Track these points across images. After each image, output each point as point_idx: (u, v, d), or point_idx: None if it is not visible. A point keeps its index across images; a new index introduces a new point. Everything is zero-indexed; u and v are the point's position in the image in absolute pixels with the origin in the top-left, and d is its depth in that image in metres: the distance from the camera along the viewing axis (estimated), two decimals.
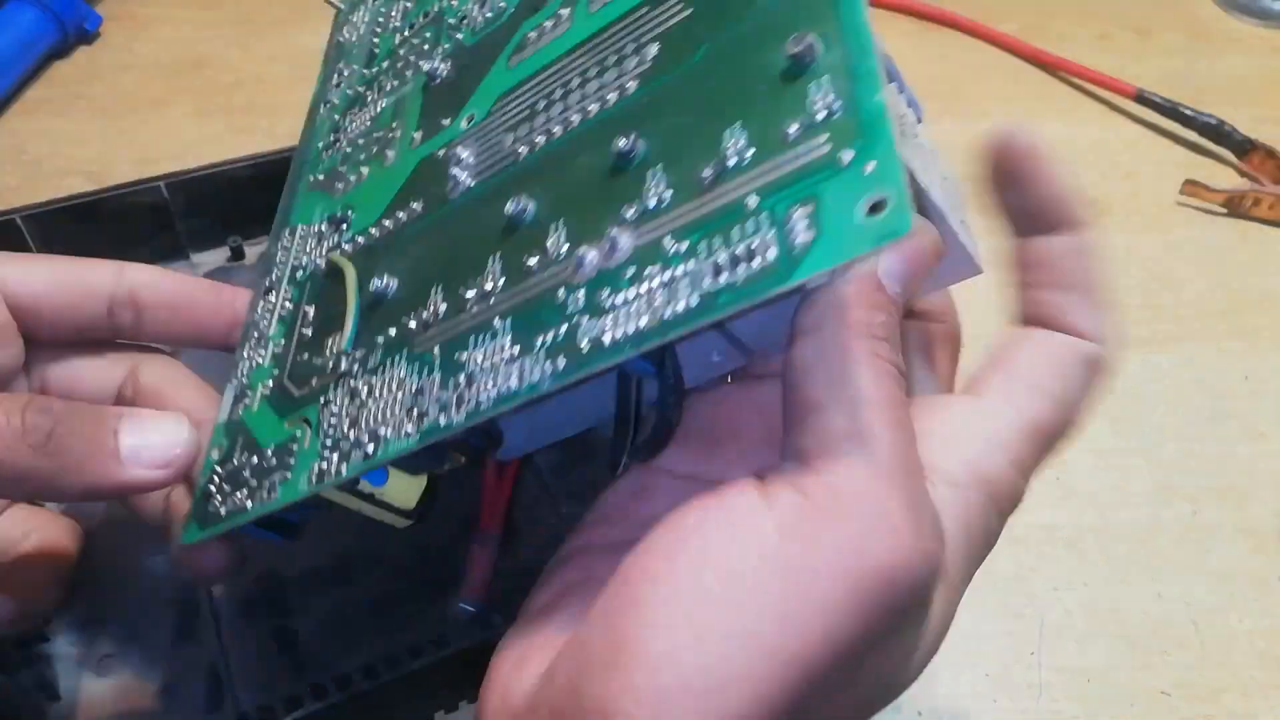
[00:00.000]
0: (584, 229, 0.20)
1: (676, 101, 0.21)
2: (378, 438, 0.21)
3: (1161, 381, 0.42)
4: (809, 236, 0.17)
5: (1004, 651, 0.34)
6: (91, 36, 0.55)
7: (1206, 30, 0.59)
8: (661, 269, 0.18)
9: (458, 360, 0.21)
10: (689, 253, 0.18)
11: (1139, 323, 0.44)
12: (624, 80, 0.22)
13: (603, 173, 0.21)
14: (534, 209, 0.22)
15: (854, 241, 0.16)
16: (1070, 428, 0.21)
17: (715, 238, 0.18)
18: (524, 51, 0.26)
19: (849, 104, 0.18)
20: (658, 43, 0.22)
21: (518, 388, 0.19)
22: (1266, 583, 0.36)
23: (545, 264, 0.21)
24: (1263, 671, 0.34)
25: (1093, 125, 0.53)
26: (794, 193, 0.18)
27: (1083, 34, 0.58)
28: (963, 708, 0.33)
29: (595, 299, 0.19)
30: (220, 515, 0.23)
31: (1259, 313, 0.44)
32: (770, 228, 0.17)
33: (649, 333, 0.18)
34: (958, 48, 0.58)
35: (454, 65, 0.28)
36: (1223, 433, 0.40)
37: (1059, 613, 0.35)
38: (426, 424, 0.21)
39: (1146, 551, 0.36)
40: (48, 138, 0.50)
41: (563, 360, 0.19)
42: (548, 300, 0.20)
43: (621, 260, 0.19)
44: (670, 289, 0.18)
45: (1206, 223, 0.48)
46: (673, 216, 0.19)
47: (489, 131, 0.25)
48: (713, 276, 0.18)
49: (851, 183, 0.17)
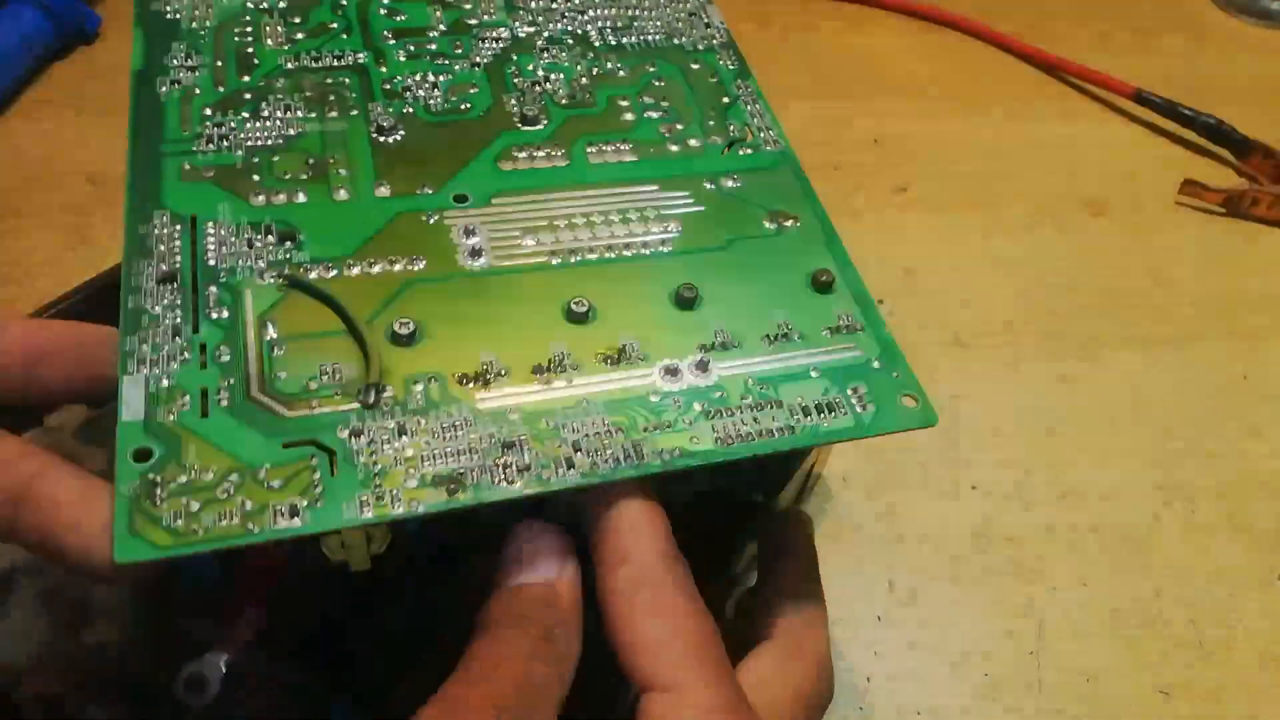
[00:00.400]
0: (664, 347, 0.25)
1: (719, 271, 0.26)
2: (460, 480, 0.22)
3: (1160, 381, 0.42)
4: (871, 409, 0.24)
5: (1003, 651, 0.34)
6: (91, 36, 0.54)
7: (1206, 30, 0.59)
8: (751, 398, 0.24)
9: (548, 426, 0.23)
10: (771, 393, 0.24)
11: (1137, 323, 0.44)
12: (658, 238, 0.27)
13: (666, 304, 0.26)
14: (594, 312, 0.25)
15: (903, 420, 0.24)
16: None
17: (792, 387, 0.24)
18: (514, 163, 0.28)
19: (865, 324, 0.26)
20: (679, 223, 0.28)
21: (639, 462, 0.22)
22: (1266, 582, 0.36)
23: (627, 364, 0.24)
24: (1262, 671, 0.34)
25: (1092, 125, 0.53)
26: (848, 375, 0.25)
27: (1082, 34, 0.58)
28: (962, 707, 0.33)
29: (692, 408, 0.24)
30: (194, 533, 0.20)
31: (1258, 312, 0.45)
32: (838, 392, 0.24)
33: (761, 444, 0.23)
34: (957, 47, 0.58)
35: (407, 133, 0.29)
36: (1222, 432, 0.40)
37: (1058, 612, 0.35)
38: (531, 478, 0.22)
39: (1145, 551, 0.37)
40: (47, 139, 0.50)
41: (678, 450, 0.23)
42: (642, 399, 0.24)
43: (712, 383, 0.24)
44: (766, 413, 0.24)
45: (1205, 222, 0.49)
46: (747, 361, 0.25)
47: (501, 221, 0.27)
48: (803, 415, 0.24)
49: (887, 380, 0.25)
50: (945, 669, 0.34)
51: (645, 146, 0.29)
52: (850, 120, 0.52)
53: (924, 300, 0.44)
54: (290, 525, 0.20)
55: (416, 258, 0.25)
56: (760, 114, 0.31)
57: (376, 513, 0.20)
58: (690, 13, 0.34)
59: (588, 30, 0.33)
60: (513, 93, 0.30)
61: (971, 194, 0.49)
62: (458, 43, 0.31)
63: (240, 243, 0.25)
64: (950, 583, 0.36)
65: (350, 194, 0.27)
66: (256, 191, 0.26)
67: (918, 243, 0.46)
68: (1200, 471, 0.39)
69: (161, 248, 0.24)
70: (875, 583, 0.36)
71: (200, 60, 0.29)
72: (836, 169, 0.50)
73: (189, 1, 0.31)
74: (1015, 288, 0.45)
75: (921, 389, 0.25)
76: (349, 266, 0.25)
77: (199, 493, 0.20)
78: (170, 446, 0.21)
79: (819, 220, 0.28)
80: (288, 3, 0.31)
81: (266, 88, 0.29)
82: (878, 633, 0.34)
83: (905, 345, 0.26)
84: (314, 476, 0.21)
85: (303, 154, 0.27)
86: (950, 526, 0.37)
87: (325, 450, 0.21)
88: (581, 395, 0.23)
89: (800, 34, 0.58)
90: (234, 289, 0.24)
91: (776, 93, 0.54)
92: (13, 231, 0.46)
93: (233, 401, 0.22)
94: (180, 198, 0.26)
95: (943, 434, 0.40)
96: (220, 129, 0.28)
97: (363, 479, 0.21)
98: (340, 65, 0.30)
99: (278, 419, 0.22)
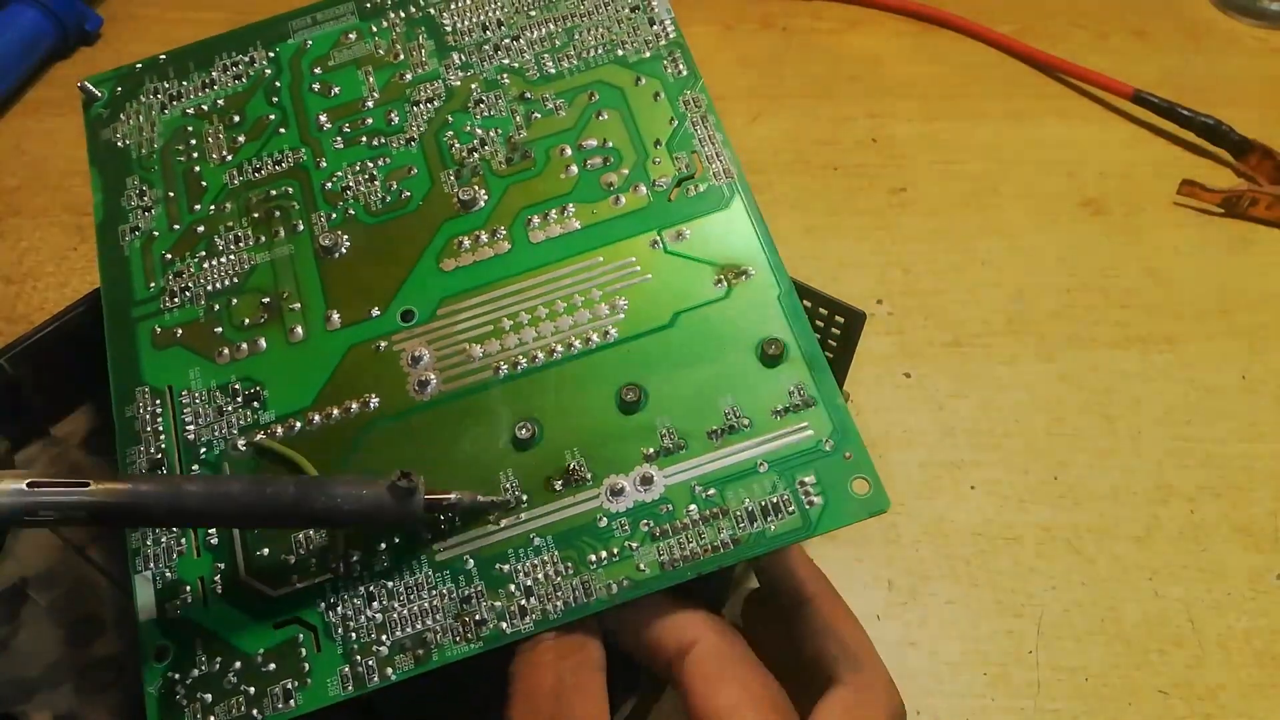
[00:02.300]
0: (609, 462, 0.25)
1: (666, 354, 0.26)
2: (425, 643, 0.24)
3: (1158, 380, 0.42)
4: (820, 502, 0.24)
5: (1002, 650, 0.34)
6: (91, 37, 0.55)
7: (1204, 31, 0.60)
8: (695, 508, 0.24)
9: (501, 571, 0.24)
10: (718, 499, 0.24)
11: (1136, 322, 0.44)
12: (604, 325, 0.27)
13: (610, 410, 0.25)
14: (540, 432, 0.25)
15: (852, 512, 0.24)
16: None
17: (739, 488, 0.24)
18: (458, 259, 0.28)
19: (817, 396, 0.25)
20: (626, 298, 0.27)
21: (586, 601, 0.24)
22: (1264, 581, 0.36)
23: (574, 488, 0.25)
24: (1260, 670, 0.34)
25: (1090, 125, 0.53)
26: (796, 465, 0.24)
27: (1080, 35, 0.59)
28: (961, 706, 0.33)
29: (639, 529, 0.24)
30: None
31: (1256, 312, 0.45)
32: (785, 489, 0.24)
33: (705, 561, 0.24)
34: (955, 48, 0.58)
35: (351, 242, 0.29)
36: (1220, 431, 0.40)
37: (1056, 611, 0.35)
38: (488, 632, 0.24)
39: (1143, 550, 0.37)
40: (48, 138, 0.50)
41: (626, 581, 0.24)
42: (589, 525, 0.24)
43: (657, 497, 0.24)
44: (711, 526, 0.24)
45: (1204, 223, 0.49)
46: (693, 464, 0.25)
47: (446, 336, 0.27)
48: (749, 522, 0.24)
49: (838, 465, 0.24)
50: (944, 668, 0.34)
51: (587, 208, 0.28)
52: (849, 121, 0.53)
53: (922, 300, 0.44)
54: (287, 708, 0.23)
55: (370, 397, 0.26)
56: (710, 137, 0.29)
57: (355, 687, 0.23)
58: (632, 7, 0.31)
59: (524, 59, 0.31)
60: (451, 167, 0.29)
61: (970, 194, 0.49)
62: (392, 112, 0.30)
63: (211, 411, 0.27)
64: (949, 582, 0.36)
65: (305, 330, 0.28)
66: (220, 348, 0.28)
67: (916, 243, 0.46)
68: (1198, 471, 0.39)
69: (148, 430, 0.27)
70: (874, 582, 0.36)
71: (154, 195, 0.30)
72: (835, 169, 0.50)
73: (134, 125, 0.31)
74: (1013, 287, 0.45)
75: (874, 471, 0.24)
76: (310, 420, 0.26)
77: (210, 685, 0.24)
78: (182, 642, 0.24)
79: (772, 270, 0.27)
80: (225, 100, 0.31)
81: (217, 216, 0.30)
82: (877, 632, 0.34)
83: (904, 345, 0.26)
84: (301, 654, 0.24)
85: (257, 294, 0.28)
86: (949, 526, 0.37)
87: (309, 627, 0.24)
88: (532, 530, 0.24)
89: (799, 35, 0.58)
90: (213, 464, 0.26)
91: (776, 93, 0.54)
92: (13, 231, 0.46)
93: (225, 587, 0.25)
94: (156, 369, 0.28)
95: (941, 434, 0.40)
96: (180, 279, 0.29)
97: (342, 653, 0.24)
98: (281, 171, 0.30)
99: (266, 600, 0.24)
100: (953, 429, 0.40)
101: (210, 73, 0.32)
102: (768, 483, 0.24)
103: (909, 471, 0.39)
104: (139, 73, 0.32)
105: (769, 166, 0.50)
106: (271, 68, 0.32)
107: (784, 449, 0.25)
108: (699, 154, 0.29)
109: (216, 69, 0.32)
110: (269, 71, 0.32)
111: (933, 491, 0.38)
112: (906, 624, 0.35)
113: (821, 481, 0.24)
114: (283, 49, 0.32)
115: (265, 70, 0.32)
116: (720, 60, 0.55)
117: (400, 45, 0.31)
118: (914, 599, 0.35)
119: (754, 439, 0.25)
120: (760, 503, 0.24)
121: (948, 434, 0.40)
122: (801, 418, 0.25)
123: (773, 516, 0.24)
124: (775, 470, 0.24)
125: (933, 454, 0.39)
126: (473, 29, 0.31)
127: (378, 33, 0.32)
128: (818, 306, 0.34)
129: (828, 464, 0.24)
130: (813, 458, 0.24)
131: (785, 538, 0.24)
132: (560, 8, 0.31)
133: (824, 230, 0.47)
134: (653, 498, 0.24)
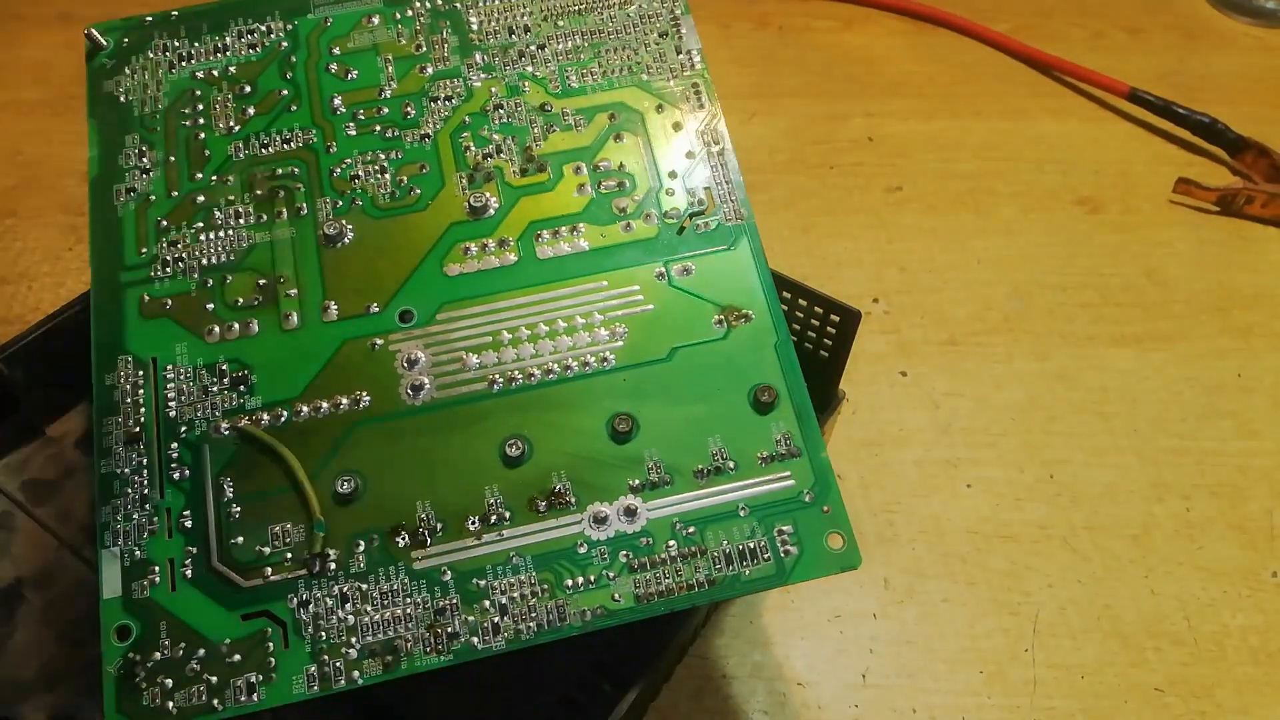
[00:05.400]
0: (595, 489, 0.25)
1: (660, 388, 0.26)
2: (395, 650, 0.23)
3: (1154, 379, 0.42)
4: (795, 552, 0.24)
5: (998, 648, 0.34)
6: None
7: (1199, 29, 0.60)
8: (675, 544, 0.24)
9: (478, 587, 0.24)
10: (697, 538, 0.24)
11: (1132, 321, 0.44)
12: (602, 350, 0.26)
13: (601, 437, 0.25)
14: (529, 451, 0.25)
15: (826, 565, 0.24)
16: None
17: (719, 530, 0.24)
18: (463, 264, 0.28)
19: (803, 448, 0.25)
20: (626, 326, 0.27)
21: (560, 626, 0.23)
22: (1259, 579, 0.36)
23: (557, 511, 0.25)
24: (1255, 668, 0.34)
25: (1086, 124, 0.53)
26: (776, 513, 0.25)
27: (1076, 33, 0.59)
28: (957, 704, 0.33)
29: (618, 559, 0.24)
30: (170, 712, 0.23)
31: (1251, 310, 0.45)
32: (763, 536, 0.24)
33: (680, 599, 0.24)
34: (951, 47, 0.58)
35: (355, 233, 0.28)
36: (1215, 430, 0.40)
37: (1052, 610, 0.35)
38: (459, 646, 0.23)
39: (1139, 548, 0.37)
40: (44, 138, 0.50)
41: (600, 609, 0.24)
42: (569, 550, 0.24)
43: (638, 529, 0.24)
44: (689, 564, 0.24)
45: (1199, 221, 0.49)
46: (677, 500, 0.25)
47: (444, 342, 0.27)
48: (725, 564, 0.24)
49: (816, 518, 0.25)
50: (941, 666, 0.34)
51: (597, 230, 0.28)
52: (845, 119, 0.53)
53: (919, 298, 0.44)
54: (250, 702, 0.23)
55: (360, 395, 0.26)
56: (725, 177, 0.28)
57: (321, 687, 0.23)
58: (660, 33, 0.31)
59: (548, 70, 0.30)
60: (464, 170, 0.29)
61: (966, 192, 0.49)
62: (409, 105, 0.29)
63: (195, 390, 0.26)
64: (945, 580, 0.36)
65: (300, 318, 0.27)
66: (210, 326, 0.27)
67: (912, 241, 0.46)
68: (1194, 469, 0.39)
69: (128, 401, 0.26)
70: (871, 580, 0.36)
71: (153, 158, 0.29)
72: (831, 168, 0.50)
73: (139, 81, 0.30)
74: (1009, 286, 0.45)
75: (850, 527, 0.24)
76: (297, 411, 0.26)
77: (172, 670, 0.23)
78: (146, 623, 0.24)
79: (772, 317, 0.27)
80: (237, 68, 0.30)
81: (218, 187, 0.28)
82: (874, 630, 0.34)
83: (900, 344, 0.26)
84: (268, 648, 0.23)
85: (253, 274, 0.27)
86: (945, 524, 0.37)
87: (278, 622, 0.24)
88: (512, 548, 0.24)
89: (795, 34, 0.58)
90: (193, 445, 0.26)
91: (772, 92, 0.54)
92: (11, 231, 0.46)
93: (195, 572, 0.24)
94: (141, 339, 0.27)
95: (937, 432, 0.40)
96: (175, 249, 0.28)
97: (310, 651, 0.23)
98: (289, 150, 0.29)
99: (236, 590, 0.24)
100: (949, 427, 0.40)
101: (224, 37, 0.31)
102: (747, 527, 0.24)
103: (905, 470, 0.39)
104: (148, 26, 0.31)
105: (765, 166, 0.50)
106: (289, 40, 0.31)
107: (766, 496, 0.25)
108: (712, 191, 0.28)
109: (231, 34, 0.31)
110: (285, 44, 0.31)
111: (929, 490, 0.38)
112: (903, 622, 0.35)
113: (799, 532, 0.24)
114: (302, 23, 0.31)
115: (282, 42, 0.31)
116: (716, 59, 0.55)
117: (423, 37, 0.31)
118: (910, 597, 0.35)
119: (738, 482, 0.25)
120: (739, 546, 0.24)
121: (944, 432, 0.40)
122: (785, 467, 0.25)
123: (749, 561, 0.24)
124: (755, 516, 0.25)
125: (929, 452, 0.39)
126: (498, 31, 0.31)
127: (401, 20, 0.31)
128: (813, 305, 0.34)
129: (806, 515, 0.25)
130: (792, 508, 0.25)
131: (759, 584, 0.24)
132: (589, 22, 0.31)
133: (820, 229, 0.47)
134: (634, 529, 0.24)
